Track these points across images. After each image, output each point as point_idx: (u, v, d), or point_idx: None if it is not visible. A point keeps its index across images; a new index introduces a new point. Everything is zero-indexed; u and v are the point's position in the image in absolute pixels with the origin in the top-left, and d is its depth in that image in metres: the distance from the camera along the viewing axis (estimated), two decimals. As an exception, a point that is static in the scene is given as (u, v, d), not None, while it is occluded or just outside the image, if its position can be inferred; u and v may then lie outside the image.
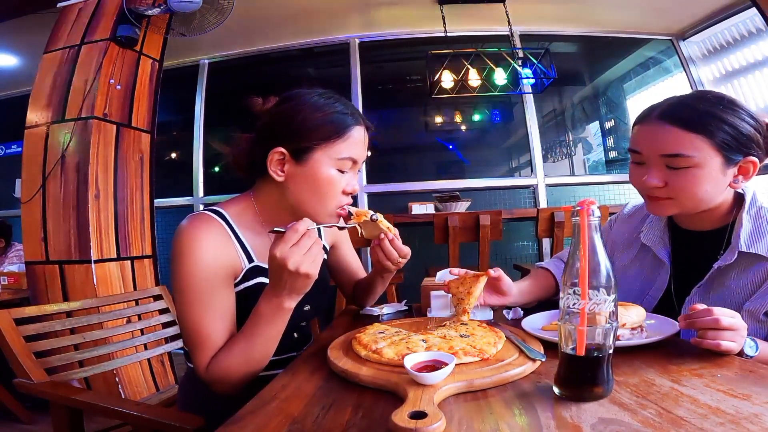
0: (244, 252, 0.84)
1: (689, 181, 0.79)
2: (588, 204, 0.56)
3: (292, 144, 0.81)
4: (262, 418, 0.54)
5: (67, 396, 0.97)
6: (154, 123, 2.47)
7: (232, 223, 0.84)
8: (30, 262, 2.23)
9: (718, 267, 0.83)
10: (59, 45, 2.35)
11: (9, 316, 1.05)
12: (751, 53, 3.12)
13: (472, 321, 0.85)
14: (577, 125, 3.74)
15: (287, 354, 0.95)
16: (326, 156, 0.81)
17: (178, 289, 0.78)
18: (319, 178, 0.81)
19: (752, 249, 0.79)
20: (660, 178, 0.81)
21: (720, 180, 0.80)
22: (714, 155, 0.78)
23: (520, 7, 3.15)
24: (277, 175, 0.83)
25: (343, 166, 0.83)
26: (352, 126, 0.83)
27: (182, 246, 0.78)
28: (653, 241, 0.96)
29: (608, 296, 0.56)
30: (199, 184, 3.59)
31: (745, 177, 0.81)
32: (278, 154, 0.82)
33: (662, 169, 0.81)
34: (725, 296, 0.83)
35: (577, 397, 0.55)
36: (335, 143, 0.81)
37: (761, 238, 0.79)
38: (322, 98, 0.85)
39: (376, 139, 3.72)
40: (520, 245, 3.37)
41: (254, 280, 0.85)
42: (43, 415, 2.16)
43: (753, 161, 0.80)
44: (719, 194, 0.82)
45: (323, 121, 0.81)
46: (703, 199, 0.81)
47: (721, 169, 0.79)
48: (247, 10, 2.80)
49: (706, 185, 0.79)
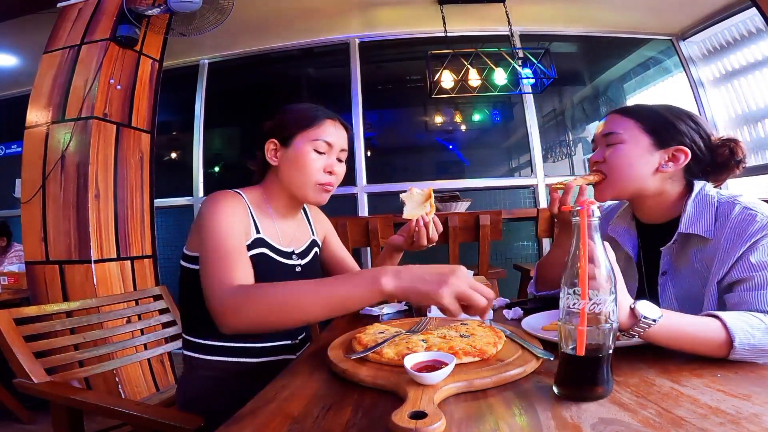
0: (255, 225, 1.01)
1: (617, 155, 0.91)
2: (588, 204, 0.57)
3: (280, 135, 1.03)
4: (262, 418, 0.54)
5: (67, 396, 0.97)
6: (154, 123, 2.47)
7: (248, 201, 1.02)
8: (30, 262, 2.23)
9: (664, 251, 0.91)
10: (59, 45, 2.35)
11: (9, 316, 1.05)
12: (751, 53, 3.12)
13: (472, 321, 0.85)
14: (577, 125, 3.74)
15: (282, 341, 1.03)
16: (305, 139, 1.01)
17: (208, 230, 0.89)
18: (300, 156, 1.01)
19: (690, 230, 0.86)
20: (600, 154, 0.95)
21: (646, 159, 0.90)
22: (641, 135, 0.90)
23: (520, 7, 3.15)
24: (272, 161, 1.04)
25: (319, 147, 1.02)
26: (325, 118, 1.04)
27: (215, 204, 0.93)
28: (620, 234, 1.01)
29: (608, 296, 0.56)
30: (199, 184, 3.59)
31: (675, 164, 0.89)
32: (272, 144, 1.04)
33: (603, 149, 0.95)
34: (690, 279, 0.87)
35: (577, 397, 0.55)
36: (311, 129, 1.02)
37: (700, 219, 0.86)
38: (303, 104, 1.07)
39: (376, 139, 3.73)
40: (520, 245, 3.37)
41: (257, 250, 0.99)
42: (43, 415, 2.16)
43: (684, 150, 0.89)
44: (646, 175, 0.90)
45: (301, 115, 1.04)
46: (630, 175, 0.90)
47: (648, 150, 0.90)
48: (247, 10, 2.80)
49: (630, 160, 0.90)
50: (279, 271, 1.02)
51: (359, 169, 3.43)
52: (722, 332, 0.66)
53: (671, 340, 0.66)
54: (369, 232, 2.29)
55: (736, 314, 0.69)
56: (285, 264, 1.04)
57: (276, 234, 1.05)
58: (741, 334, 0.65)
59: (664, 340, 0.66)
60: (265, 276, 0.97)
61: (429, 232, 1.07)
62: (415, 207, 1.07)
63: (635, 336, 0.65)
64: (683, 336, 0.66)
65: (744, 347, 0.65)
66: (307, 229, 1.17)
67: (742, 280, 0.77)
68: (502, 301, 1.16)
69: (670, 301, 0.89)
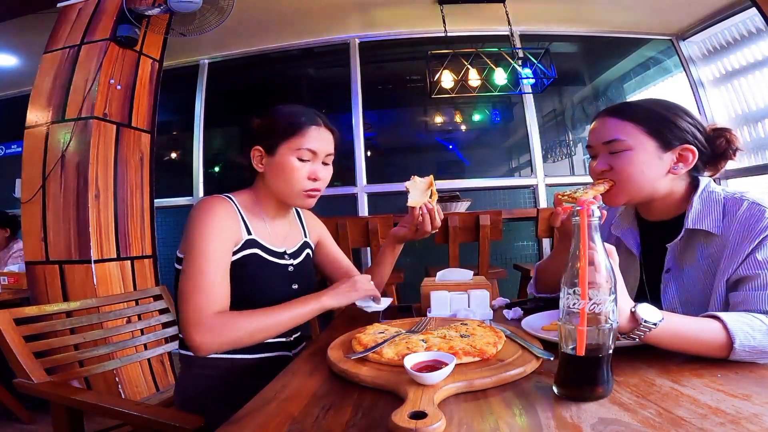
0: (246, 228, 1.03)
1: (626, 163, 0.88)
2: (588, 204, 0.57)
3: (265, 142, 1.04)
4: (262, 418, 0.54)
5: (67, 396, 0.97)
6: (154, 123, 2.46)
7: (238, 205, 1.04)
8: (30, 262, 2.23)
9: (670, 247, 0.89)
10: (59, 45, 2.35)
11: (9, 316, 1.05)
12: (751, 53, 3.12)
13: (472, 321, 0.85)
14: (577, 125, 3.74)
15: (279, 338, 1.05)
16: (288, 148, 1.02)
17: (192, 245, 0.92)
18: (284, 166, 1.02)
19: (697, 225, 0.85)
20: (604, 163, 0.91)
21: (656, 164, 0.87)
22: (646, 140, 0.87)
23: (520, 7, 3.15)
24: (258, 167, 1.05)
25: (303, 155, 1.02)
26: (309, 125, 1.03)
27: (201, 217, 0.95)
28: (623, 231, 1.00)
29: (608, 296, 0.56)
30: (199, 184, 3.59)
31: (684, 164, 0.87)
32: (257, 151, 1.05)
33: (606, 156, 0.91)
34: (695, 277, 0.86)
35: (577, 397, 0.55)
36: (295, 138, 1.02)
37: (708, 215, 0.85)
38: (288, 108, 1.07)
39: (376, 139, 3.73)
40: (520, 245, 3.37)
41: (250, 250, 1.01)
42: (43, 415, 2.16)
43: (691, 149, 0.87)
44: (658, 178, 0.88)
45: (285, 123, 1.03)
46: (642, 181, 0.88)
47: (656, 153, 0.87)
48: (247, 10, 2.80)
49: (641, 166, 0.87)
50: (271, 270, 1.04)
51: (359, 169, 3.43)
52: (723, 334, 0.66)
53: (672, 342, 0.66)
54: (369, 232, 2.29)
55: (736, 315, 0.69)
56: (277, 263, 1.05)
57: (268, 234, 1.06)
58: (741, 335, 0.65)
59: (665, 342, 0.66)
60: (258, 275, 1.01)
61: (434, 219, 1.11)
62: (419, 194, 1.10)
63: (636, 339, 0.65)
64: (683, 338, 0.66)
65: (744, 349, 0.65)
66: (300, 231, 1.19)
67: (747, 277, 0.77)
68: (502, 301, 1.16)
69: (672, 298, 0.89)
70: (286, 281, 1.06)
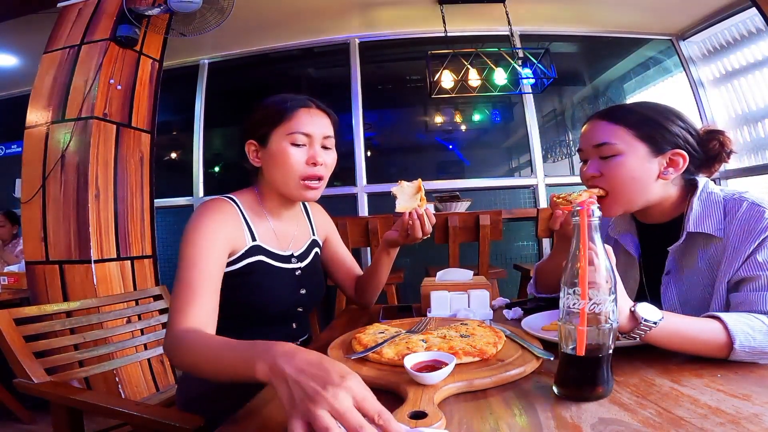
0: (250, 232, 0.99)
1: (617, 168, 0.87)
2: (588, 204, 0.57)
3: (257, 134, 1.00)
4: (262, 418, 0.54)
5: (67, 396, 0.97)
6: (154, 123, 2.47)
7: (241, 207, 1.00)
8: (30, 262, 2.23)
9: (672, 251, 0.88)
10: (59, 45, 2.35)
11: (9, 316, 1.05)
12: (751, 53, 3.12)
13: (472, 321, 0.85)
14: (577, 125, 3.74)
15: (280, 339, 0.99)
16: (280, 135, 0.98)
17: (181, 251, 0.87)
18: (279, 153, 0.98)
19: (699, 228, 0.84)
20: (595, 167, 0.89)
21: (647, 168, 0.86)
22: (637, 144, 0.86)
23: (520, 7, 3.15)
24: (255, 162, 1.02)
25: (296, 140, 0.97)
26: (297, 108, 0.99)
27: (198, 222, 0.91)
28: (621, 234, 1.00)
29: (608, 296, 0.56)
30: (199, 184, 3.59)
31: (675, 169, 0.87)
32: (252, 145, 1.02)
33: (597, 161, 0.90)
34: (695, 278, 0.86)
35: (577, 397, 0.55)
36: (285, 123, 0.98)
37: (708, 217, 0.84)
38: (276, 97, 1.03)
39: (376, 139, 3.73)
40: (520, 245, 3.37)
41: (255, 257, 0.98)
42: (43, 415, 2.16)
43: (682, 154, 0.86)
44: (649, 183, 0.87)
45: (272, 110, 1.00)
46: (633, 188, 0.87)
47: (647, 158, 0.86)
48: (247, 10, 2.80)
49: (632, 172, 0.86)
50: (278, 277, 1.01)
51: (359, 169, 3.43)
52: (723, 334, 0.66)
53: (672, 342, 0.66)
54: (369, 232, 2.29)
55: (737, 316, 0.69)
56: (283, 269, 1.02)
57: (273, 237, 1.03)
58: (741, 336, 0.65)
59: (665, 342, 0.66)
60: (264, 282, 0.98)
61: (424, 224, 1.05)
62: (407, 200, 1.06)
63: (636, 338, 0.65)
64: (683, 338, 0.66)
65: (744, 349, 0.65)
66: (308, 228, 1.15)
67: (748, 278, 0.77)
68: (502, 301, 1.16)
69: (672, 300, 0.89)
70: (294, 287, 1.04)
